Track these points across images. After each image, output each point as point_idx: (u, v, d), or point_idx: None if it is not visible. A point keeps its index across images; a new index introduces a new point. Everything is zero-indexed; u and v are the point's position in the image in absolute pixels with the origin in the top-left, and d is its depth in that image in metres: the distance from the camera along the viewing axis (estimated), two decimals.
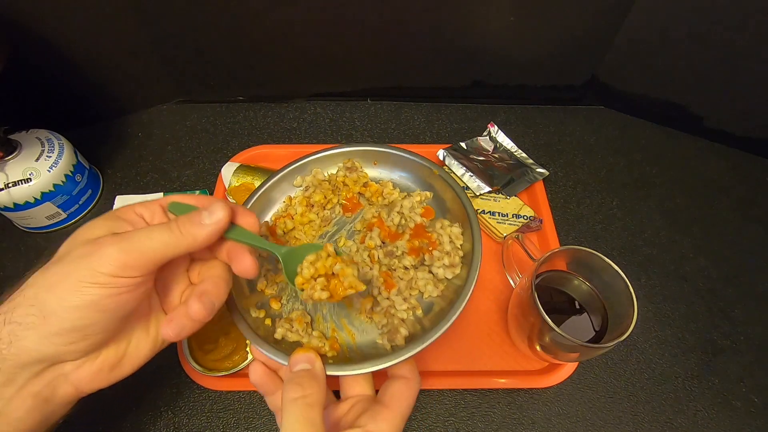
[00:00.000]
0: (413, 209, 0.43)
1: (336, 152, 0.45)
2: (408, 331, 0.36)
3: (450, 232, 0.40)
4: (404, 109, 0.70)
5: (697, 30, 0.56)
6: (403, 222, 0.42)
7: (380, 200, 0.44)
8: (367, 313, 0.38)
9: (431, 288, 0.38)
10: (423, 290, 0.39)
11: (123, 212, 0.30)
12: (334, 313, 0.39)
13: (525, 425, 0.45)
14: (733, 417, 0.46)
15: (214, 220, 0.29)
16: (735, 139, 0.65)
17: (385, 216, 0.43)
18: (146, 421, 0.45)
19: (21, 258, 0.55)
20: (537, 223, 0.55)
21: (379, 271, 0.39)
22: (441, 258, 0.39)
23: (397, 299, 0.38)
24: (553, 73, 0.67)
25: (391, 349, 0.35)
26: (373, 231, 0.41)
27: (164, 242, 0.27)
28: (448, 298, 0.37)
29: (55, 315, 0.25)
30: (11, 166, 0.51)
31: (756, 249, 0.57)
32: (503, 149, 0.63)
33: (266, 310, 0.39)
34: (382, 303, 0.38)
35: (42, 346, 0.25)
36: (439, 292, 0.38)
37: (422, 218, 0.42)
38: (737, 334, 0.51)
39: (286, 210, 0.45)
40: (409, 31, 0.61)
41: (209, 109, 0.70)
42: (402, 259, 0.40)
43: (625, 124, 0.69)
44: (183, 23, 0.59)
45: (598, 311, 0.43)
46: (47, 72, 0.59)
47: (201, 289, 0.30)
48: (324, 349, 0.35)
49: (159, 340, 0.32)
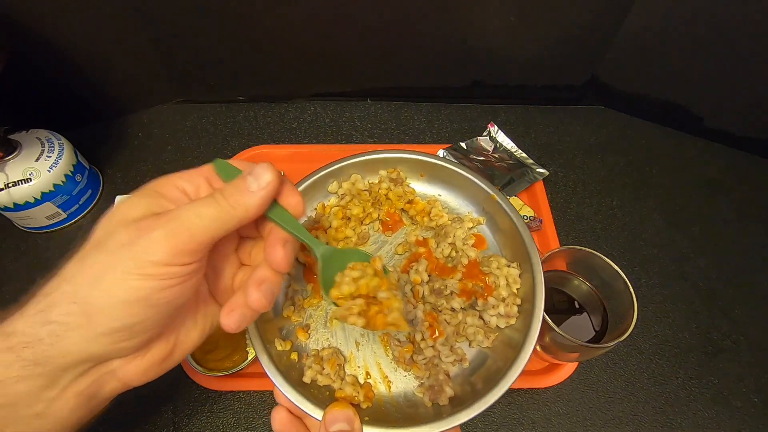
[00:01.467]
0: (466, 241, 0.37)
1: (379, 157, 0.40)
2: (453, 391, 0.31)
3: (507, 273, 0.35)
4: (404, 109, 0.70)
5: (697, 30, 0.56)
6: (453, 254, 0.37)
7: (426, 221, 0.39)
8: (406, 362, 0.33)
9: (481, 338, 0.33)
10: (472, 339, 0.34)
11: (162, 187, 0.26)
12: (368, 347, 0.35)
13: (525, 425, 0.45)
14: (733, 417, 0.46)
15: (263, 184, 0.25)
16: (735, 139, 0.65)
17: (433, 245, 0.37)
18: (146, 421, 0.45)
19: (21, 258, 0.55)
20: (537, 223, 0.55)
21: (424, 312, 0.34)
22: (497, 306, 0.34)
23: (443, 349, 0.33)
24: (553, 73, 0.67)
25: (432, 408, 0.31)
26: (420, 263, 0.36)
27: (214, 218, 0.23)
28: (500, 351, 0.33)
29: (102, 313, 0.22)
30: (11, 166, 0.51)
31: (756, 249, 0.57)
32: (503, 149, 0.63)
33: (292, 341, 0.34)
34: (425, 352, 0.33)
35: (88, 347, 0.23)
36: (489, 343, 0.33)
37: (476, 251, 0.37)
38: (737, 334, 0.51)
39: (318, 221, 0.38)
40: (409, 31, 0.61)
41: (209, 109, 0.70)
42: (450, 300, 0.34)
43: (625, 124, 0.69)
44: (183, 23, 0.59)
45: (598, 311, 0.43)
46: (47, 72, 0.59)
47: (259, 277, 0.26)
48: (358, 399, 0.31)
49: (207, 326, 0.29)
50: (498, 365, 0.32)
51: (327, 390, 0.32)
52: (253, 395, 0.46)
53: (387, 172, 0.40)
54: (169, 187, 0.26)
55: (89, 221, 0.59)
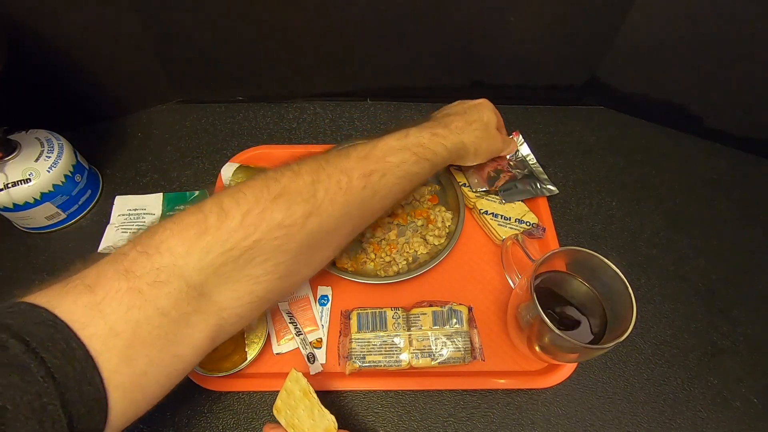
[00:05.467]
0: (425, 196, 0.58)
1: None
2: (398, 269, 0.53)
3: (444, 215, 0.56)
4: (404, 109, 0.70)
5: (697, 30, 0.56)
6: (414, 203, 0.58)
7: None
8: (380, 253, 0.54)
9: (422, 248, 0.54)
10: (416, 248, 0.54)
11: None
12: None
13: (524, 425, 0.45)
14: (733, 417, 0.46)
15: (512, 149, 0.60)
16: (735, 139, 0.65)
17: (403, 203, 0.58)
18: (146, 421, 0.45)
19: (21, 258, 0.55)
20: (540, 231, 0.55)
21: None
22: (433, 231, 0.55)
23: (398, 256, 0.53)
24: (553, 73, 0.67)
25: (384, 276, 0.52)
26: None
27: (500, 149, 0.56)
28: (432, 256, 0.53)
29: (477, 155, 0.54)
30: (11, 167, 0.51)
31: (756, 249, 0.57)
32: (521, 159, 0.61)
33: None
34: (385, 258, 0.54)
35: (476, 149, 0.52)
36: (425, 251, 0.54)
37: (430, 203, 0.58)
38: (737, 334, 0.51)
39: None
40: (409, 31, 0.61)
41: (209, 109, 0.70)
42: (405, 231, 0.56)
43: (625, 124, 0.69)
44: (183, 23, 0.59)
45: (597, 312, 0.43)
46: (47, 72, 0.59)
47: None
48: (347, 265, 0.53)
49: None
50: (426, 260, 0.53)
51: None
52: (253, 395, 0.46)
53: None
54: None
55: (89, 221, 0.59)
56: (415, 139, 0.43)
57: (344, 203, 0.37)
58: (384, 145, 0.41)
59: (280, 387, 0.46)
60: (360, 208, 0.39)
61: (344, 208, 0.37)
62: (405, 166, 0.42)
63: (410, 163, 0.42)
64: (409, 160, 0.42)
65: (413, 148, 0.43)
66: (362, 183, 0.38)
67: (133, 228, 0.57)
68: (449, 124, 0.47)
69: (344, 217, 0.38)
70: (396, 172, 0.41)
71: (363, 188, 0.38)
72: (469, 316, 0.47)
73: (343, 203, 0.37)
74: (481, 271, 0.54)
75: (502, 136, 0.55)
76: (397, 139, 0.42)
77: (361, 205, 0.39)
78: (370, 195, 0.39)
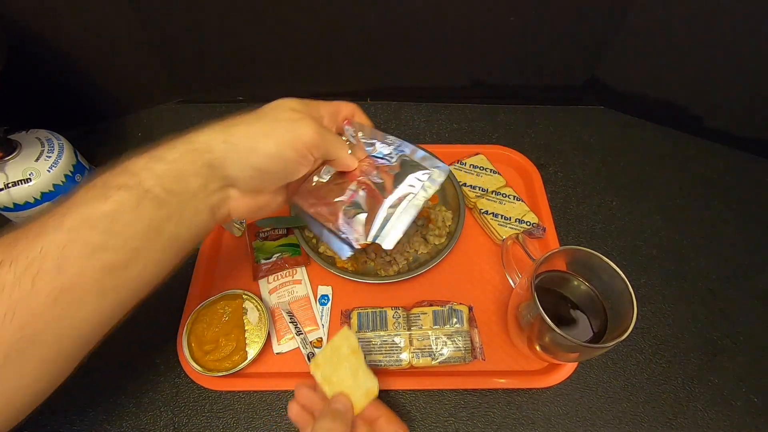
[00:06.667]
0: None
1: None
2: (398, 268, 0.52)
3: (444, 214, 0.55)
4: (404, 109, 0.70)
5: (697, 30, 0.57)
6: None
7: None
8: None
9: (422, 248, 0.54)
10: (417, 248, 0.54)
11: (313, 106, 0.38)
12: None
13: (525, 425, 0.45)
14: (733, 417, 0.46)
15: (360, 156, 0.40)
16: (735, 139, 0.65)
17: None
18: (146, 421, 0.45)
19: None
20: (540, 231, 0.55)
21: None
22: (434, 230, 0.54)
23: (397, 255, 0.53)
24: (553, 73, 0.67)
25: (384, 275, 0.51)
26: None
27: (340, 154, 0.37)
28: (432, 255, 0.53)
29: (256, 153, 0.33)
30: (11, 166, 0.51)
31: (756, 249, 0.57)
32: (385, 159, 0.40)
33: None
34: (385, 258, 0.54)
35: (235, 169, 0.33)
36: (426, 250, 0.54)
37: (430, 203, 0.57)
38: (737, 334, 0.51)
39: None
40: (409, 31, 0.61)
41: (209, 109, 0.70)
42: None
43: (625, 124, 0.69)
44: (183, 23, 0.59)
45: (597, 311, 0.43)
46: (47, 72, 0.59)
47: None
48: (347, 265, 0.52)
49: (282, 204, 0.40)
50: (427, 260, 0.52)
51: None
52: (253, 395, 0.46)
53: None
54: (317, 108, 0.38)
55: None
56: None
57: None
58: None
59: (280, 387, 0.46)
60: None
61: None
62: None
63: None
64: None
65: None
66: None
67: None
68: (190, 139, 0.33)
69: None
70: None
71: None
72: (469, 315, 0.47)
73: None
74: (482, 271, 0.54)
75: (330, 133, 0.37)
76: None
77: None
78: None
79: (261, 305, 0.48)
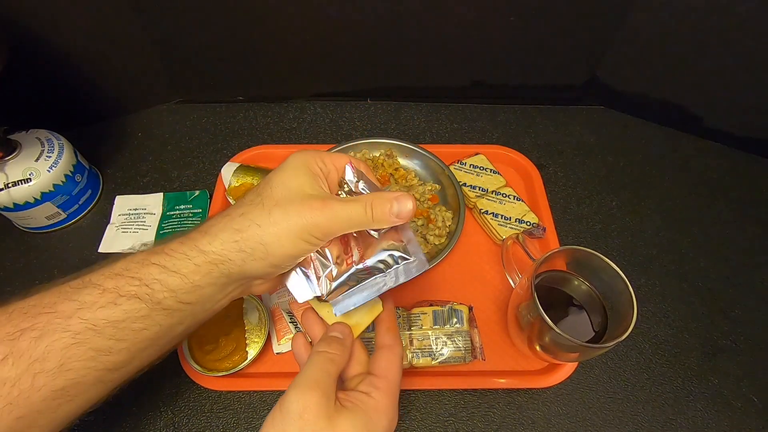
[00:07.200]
0: (425, 195, 0.58)
1: (380, 141, 0.61)
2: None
3: (444, 215, 0.55)
4: (404, 109, 0.70)
5: (697, 30, 0.57)
6: (416, 202, 0.55)
7: (403, 182, 0.59)
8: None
9: (422, 248, 0.53)
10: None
11: (313, 164, 0.35)
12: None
13: (525, 425, 0.45)
14: (733, 417, 0.46)
15: (403, 216, 0.32)
16: (735, 139, 0.65)
17: None
18: (146, 421, 0.45)
19: (21, 258, 0.55)
20: (540, 231, 0.55)
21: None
22: (434, 230, 0.54)
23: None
24: (553, 73, 0.67)
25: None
26: None
27: (357, 221, 0.32)
28: (432, 255, 0.53)
29: (275, 256, 0.32)
30: (11, 166, 0.51)
31: (756, 249, 0.57)
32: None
33: None
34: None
35: (257, 271, 0.32)
36: (426, 251, 0.54)
37: (430, 203, 0.58)
38: (737, 334, 0.51)
39: None
40: (409, 31, 0.61)
41: (209, 109, 0.70)
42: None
43: (625, 124, 0.69)
44: (183, 23, 0.59)
45: (597, 311, 0.43)
46: (47, 72, 0.59)
47: None
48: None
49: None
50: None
51: None
52: (253, 395, 0.46)
53: (384, 150, 0.61)
54: (313, 165, 0.35)
55: (89, 221, 0.59)
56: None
57: None
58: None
59: (280, 387, 0.46)
60: None
61: None
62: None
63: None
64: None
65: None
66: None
67: (133, 228, 0.57)
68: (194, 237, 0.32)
69: None
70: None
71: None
72: (469, 315, 0.47)
73: None
74: (482, 271, 0.54)
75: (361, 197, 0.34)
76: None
77: None
78: None
79: (261, 305, 0.48)
